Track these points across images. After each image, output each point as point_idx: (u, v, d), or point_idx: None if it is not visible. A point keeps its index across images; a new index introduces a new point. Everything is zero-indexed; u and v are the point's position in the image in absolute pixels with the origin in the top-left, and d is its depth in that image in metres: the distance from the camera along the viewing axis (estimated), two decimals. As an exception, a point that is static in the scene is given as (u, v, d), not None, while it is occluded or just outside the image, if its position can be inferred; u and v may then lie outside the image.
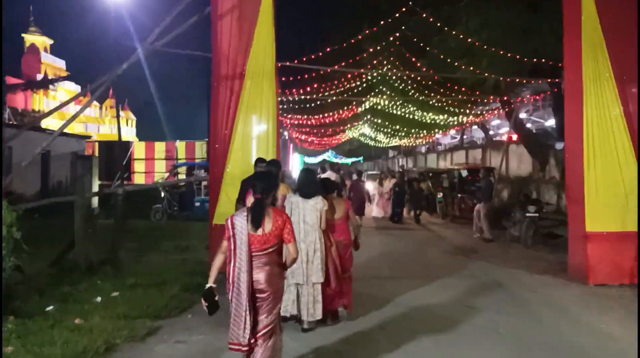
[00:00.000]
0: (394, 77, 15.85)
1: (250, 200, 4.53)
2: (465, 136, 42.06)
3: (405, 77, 15.35)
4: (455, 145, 36.89)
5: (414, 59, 14.23)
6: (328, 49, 11.83)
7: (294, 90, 14.95)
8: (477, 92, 15.69)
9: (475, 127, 33.10)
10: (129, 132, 49.32)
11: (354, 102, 19.98)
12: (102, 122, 48.74)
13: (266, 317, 4.00)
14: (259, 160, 7.77)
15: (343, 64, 12.98)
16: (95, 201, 16.08)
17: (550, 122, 28.43)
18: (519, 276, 9.61)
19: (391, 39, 13.24)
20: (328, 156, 57.15)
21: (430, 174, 22.17)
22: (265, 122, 8.94)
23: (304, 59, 10.80)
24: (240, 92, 8.84)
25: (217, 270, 4.07)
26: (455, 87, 15.56)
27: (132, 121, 53.29)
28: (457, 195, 18.41)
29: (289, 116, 21.14)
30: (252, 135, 8.90)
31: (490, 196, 14.45)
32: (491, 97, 16.51)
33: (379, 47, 13.81)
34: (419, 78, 15.26)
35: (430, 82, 15.73)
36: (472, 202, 16.68)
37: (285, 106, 18.96)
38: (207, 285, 3.99)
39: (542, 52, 11.71)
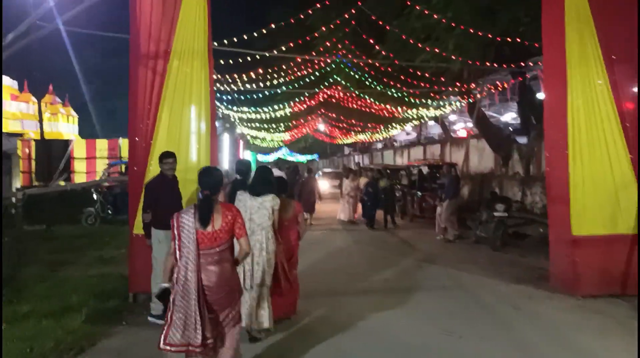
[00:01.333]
0: (349, 64, 14.39)
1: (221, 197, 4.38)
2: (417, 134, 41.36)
3: (362, 64, 13.92)
4: (412, 141, 35.97)
5: (371, 41, 12.83)
6: (272, 25, 10.25)
7: (236, 76, 13.25)
8: (441, 80, 14.48)
9: (431, 123, 32.28)
10: (70, 130, 46.61)
11: (306, 94, 18.44)
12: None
13: (228, 312, 3.97)
14: (165, 155, 6.50)
15: (291, 45, 11.46)
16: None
17: (507, 117, 27.77)
18: (495, 287, 8.40)
19: (346, 16, 11.77)
20: (282, 154, 55.59)
21: (388, 171, 20.94)
22: (197, 110, 7.38)
23: (245, 37, 9.20)
24: (165, 74, 7.25)
25: (170, 271, 3.90)
26: (418, 74, 14.24)
27: (73, 118, 50.32)
28: (417, 193, 17.21)
29: (235, 108, 19.37)
30: (180, 126, 7.33)
31: (454, 194, 13.28)
32: (454, 88, 15.34)
33: (332, 26, 12.32)
34: (377, 64, 13.85)
35: (389, 69, 14.39)
36: (434, 200, 15.53)
37: (229, 97, 17.28)
38: (163, 285, 3.90)
39: (513, 32, 10.53)
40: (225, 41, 8.74)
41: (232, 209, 4.01)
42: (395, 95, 16.12)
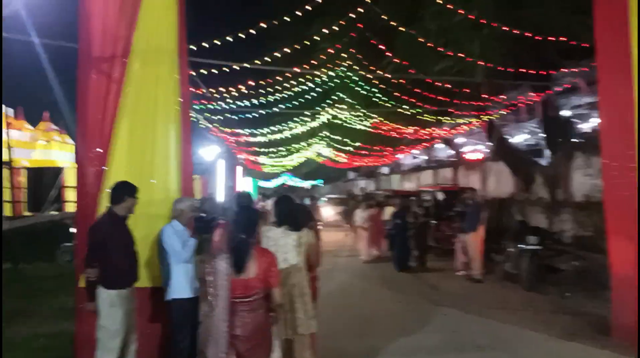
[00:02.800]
0: (354, 78, 12.81)
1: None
2: (426, 157, 39.76)
3: (369, 76, 12.32)
4: (421, 165, 34.40)
5: (382, 47, 11.23)
6: (263, 25, 8.66)
7: (223, 89, 11.57)
8: (456, 94, 12.86)
9: (439, 146, 30.72)
10: (66, 158, 45.07)
11: (307, 113, 16.78)
12: (34, 147, 44.45)
13: None
14: (135, 189, 4.98)
15: (286, 50, 9.87)
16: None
17: (518, 139, 26.08)
18: (543, 344, 6.69)
19: (352, 15, 10.19)
20: (285, 179, 54.02)
21: (397, 197, 19.24)
22: (165, 125, 5.79)
23: (230, 39, 7.61)
24: (124, 80, 5.67)
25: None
26: (437, 85, 12.43)
27: (71, 146, 49.10)
28: (432, 222, 15.46)
29: (229, 129, 17.73)
30: (143, 147, 5.73)
31: (478, 224, 11.56)
32: (471, 103, 13.72)
33: (335, 28, 10.73)
34: (386, 75, 12.17)
35: (402, 81, 12.72)
36: (451, 230, 13.81)
37: (220, 117, 15.67)
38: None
39: (545, 29, 8.88)
40: (206, 45, 7.26)
41: (268, 256, 3.78)
42: (407, 112, 14.48)
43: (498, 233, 15.13)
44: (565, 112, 16.20)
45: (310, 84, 12.88)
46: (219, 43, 7.99)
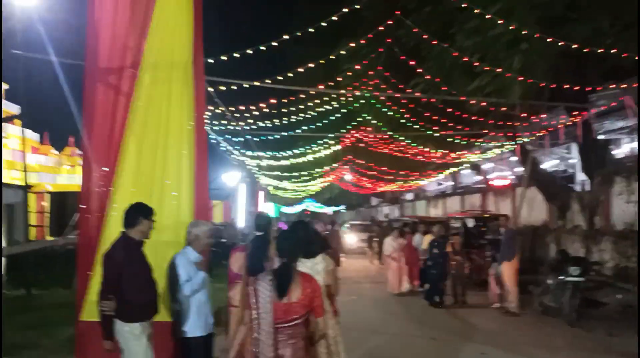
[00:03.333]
0: (381, 98, 12.21)
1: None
2: (451, 183, 38.92)
3: (396, 95, 11.71)
4: (444, 191, 33.52)
5: (412, 63, 10.64)
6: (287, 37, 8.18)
7: (243, 108, 11.05)
8: (489, 114, 12.18)
9: (464, 172, 29.90)
10: (90, 182, 44.51)
11: (330, 136, 16.12)
12: (59, 172, 44.75)
13: None
14: (150, 211, 4.51)
15: (310, 65, 9.36)
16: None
17: (546, 165, 25.14)
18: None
19: (381, 28, 9.63)
20: (306, 205, 53.45)
21: (423, 224, 18.46)
22: (178, 144, 5.30)
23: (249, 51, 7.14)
24: (133, 93, 5.21)
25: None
26: (471, 102, 11.67)
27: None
28: (462, 251, 14.64)
29: (250, 153, 17.22)
30: (153, 166, 5.23)
31: (512, 254, 10.78)
32: (505, 124, 13.05)
33: (362, 41, 10.18)
34: (416, 94, 11.52)
35: (432, 100, 12.04)
36: (483, 260, 13.04)
37: (241, 139, 15.21)
38: None
39: (595, 42, 8.18)
40: (224, 57, 6.83)
41: (313, 282, 3.62)
42: (436, 135, 13.78)
43: (533, 263, 14.31)
44: (603, 136, 15.39)
45: (334, 104, 12.36)
46: (237, 55, 7.53)
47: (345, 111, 13.42)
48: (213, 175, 23.19)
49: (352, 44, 10.93)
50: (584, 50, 7.96)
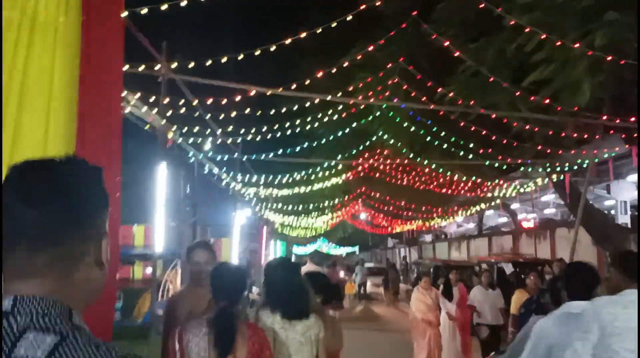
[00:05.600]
0: (401, 107, 9.78)
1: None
2: (471, 224, 36.25)
3: (421, 106, 9.41)
4: (465, 234, 30.83)
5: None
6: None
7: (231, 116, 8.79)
8: (544, 134, 9.76)
9: (488, 212, 27.32)
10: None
11: (339, 157, 13.63)
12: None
13: None
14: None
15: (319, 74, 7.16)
16: None
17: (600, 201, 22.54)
18: None
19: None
20: (319, 245, 50.82)
21: (447, 270, 15.84)
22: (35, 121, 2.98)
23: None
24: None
25: None
26: (506, 121, 9.44)
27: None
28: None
29: (240, 176, 14.76)
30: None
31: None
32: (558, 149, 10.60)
33: (377, 44, 8.00)
34: (449, 109, 9.09)
35: (457, 120, 9.74)
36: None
37: (231, 157, 12.91)
38: None
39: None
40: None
41: (260, 334, 2.84)
42: (467, 161, 11.31)
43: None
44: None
45: (344, 115, 10.09)
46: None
47: (356, 125, 11.03)
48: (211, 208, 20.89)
49: (371, 47, 8.83)
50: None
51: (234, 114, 9.05)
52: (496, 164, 11.88)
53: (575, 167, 12.39)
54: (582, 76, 6.46)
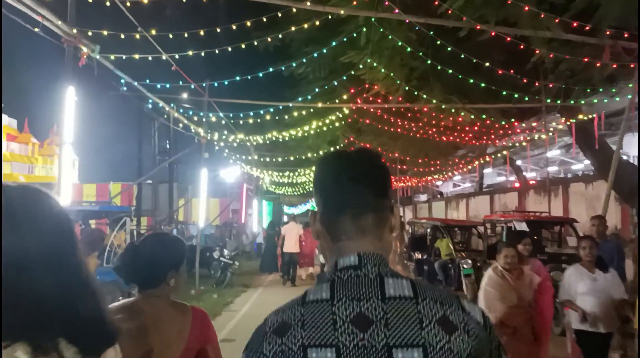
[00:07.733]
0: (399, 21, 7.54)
1: None
2: (468, 183, 34.44)
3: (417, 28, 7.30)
4: (459, 191, 28.97)
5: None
6: None
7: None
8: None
9: (487, 171, 25.36)
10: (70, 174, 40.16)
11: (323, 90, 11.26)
12: (35, 162, 41.09)
13: None
14: None
15: None
16: None
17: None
18: None
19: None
20: (312, 205, 48.92)
21: (448, 228, 13.93)
22: None
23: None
24: None
25: None
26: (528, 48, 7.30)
27: (75, 161, 45.86)
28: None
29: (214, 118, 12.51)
30: None
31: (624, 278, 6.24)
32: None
33: None
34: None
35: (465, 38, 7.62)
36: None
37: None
38: None
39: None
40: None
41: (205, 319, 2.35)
42: (482, 84, 9.08)
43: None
44: None
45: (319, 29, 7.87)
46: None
47: (335, 43, 8.64)
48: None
49: None
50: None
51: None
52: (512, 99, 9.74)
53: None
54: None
